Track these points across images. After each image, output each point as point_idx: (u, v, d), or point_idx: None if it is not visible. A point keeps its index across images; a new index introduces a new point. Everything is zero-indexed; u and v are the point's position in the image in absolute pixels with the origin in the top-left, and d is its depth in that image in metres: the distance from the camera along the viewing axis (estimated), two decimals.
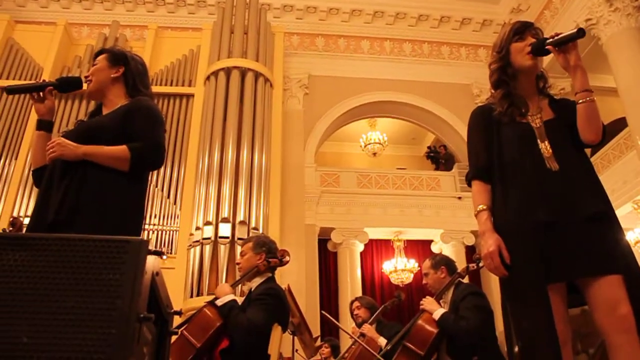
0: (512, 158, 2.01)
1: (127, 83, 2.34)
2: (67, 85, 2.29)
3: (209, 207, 7.24)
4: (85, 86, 2.33)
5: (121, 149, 2.08)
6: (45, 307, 1.18)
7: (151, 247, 1.38)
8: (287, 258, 3.66)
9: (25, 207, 7.45)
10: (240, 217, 7.18)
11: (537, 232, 1.86)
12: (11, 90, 2.18)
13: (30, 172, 2.35)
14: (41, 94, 2.22)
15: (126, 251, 1.27)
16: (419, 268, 9.30)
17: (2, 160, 7.93)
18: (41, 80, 2.24)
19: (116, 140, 2.11)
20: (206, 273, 6.87)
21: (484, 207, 2.00)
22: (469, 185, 2.14)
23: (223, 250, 6.95)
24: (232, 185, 7.40)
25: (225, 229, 7.08)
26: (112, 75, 2.33)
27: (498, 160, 2.04)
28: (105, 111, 2.29)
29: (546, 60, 2.19)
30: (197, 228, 7.16)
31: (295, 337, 4.34)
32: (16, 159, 7.91)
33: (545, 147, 1.98)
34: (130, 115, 2.19)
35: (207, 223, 7.11)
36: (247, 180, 7.50)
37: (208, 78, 8.49)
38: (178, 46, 9.02)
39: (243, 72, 8.40)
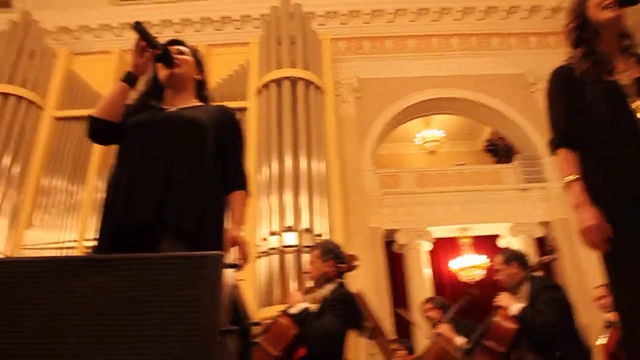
0: (602, 120, 1.82)
1: (199, 89, 2.37)
2: (164, 59, 2.23)
3: (272, 218, 7.30)
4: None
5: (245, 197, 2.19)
6: (132, 326, 1.19)
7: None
8: (356, 263, 3.64)
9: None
10: (304, 225, 7.22)
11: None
12: (139, 28, 2.10)
13: (90, 119, 2.15)
14: (147, 49, 2.15)
15: (204, 266, 1.27)
16: (490, 264, 9.10)
17: (73, 186, 8.24)
18: (157, 40, 2.19)
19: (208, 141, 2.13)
20: (275, 283, 6.92)
21: (576, 177, 1.82)
22: (554, 153, 1.94)
23: (290, 260, 6.99)
24: (294, 194, 7.44)
25: (290, 238, 7.13)
26: (195, 76, 2.35)
27: (585, 123, 1.85)
28: (177, 102, 2.27)
29: (630, 17, 2.01)
30: (263, 239, 7.23)
31: (372, 341, 4.32)
32: (83, 184, 8.20)
33: (638, 106, 1.79)
34: (229, 126, 2.24)
35: (272, 233, 7.17)
36: (307, 188, 7.53)
37: (260, 91, 8.59)
38: (228, 62, 9.15)
39: (293, 81, 8.45)
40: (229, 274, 1.39)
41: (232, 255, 2.02)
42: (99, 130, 2.17)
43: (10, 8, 11.16)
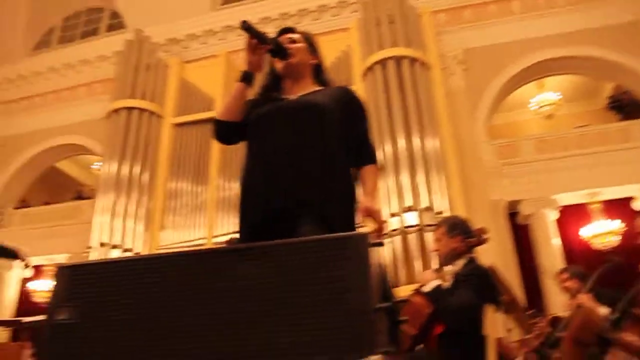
0: None
1: (316, 73, 2.37)
2: (277, 53, 2.24)
3: (391, 199, 7.29)
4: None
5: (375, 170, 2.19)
6: (286, 310, 1.21)
7: None
8: (486, 236, 3.53)
9: (226, 227, 8.08)
10: (423, 203, 7.14)
11: None
12: (247, 26, 2.09)
13: (215, 122, 2.24)
14: (259, 46, 2.14)
15: (350, 246, 1.27)
16: (625, 228, 8.53)
17: (197, 187, 8.69)
18: (266, 35, 2.19)
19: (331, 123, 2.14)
20: (399, 264, 6.91)
21: None
22: None
23: (412, 240, 6.95)
24: (410, 173, 7.38)
25: (411, 218, 7.09)
26: (310, 61, 2.35)
27: None
28: (296, 90, 2.29)
29: None
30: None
31: (508, 315, 4.20)
32: (206, 184, 8.62)
33: None
34: (351, 104, 2.24)
35: (393, 215, 7.16)
36: (423, 166, 7.44)
37: (365, 74, 8.56)
38: (329, 50, 9.16)
39: (398, 60, 8.34)
40: (374, 253, 1.39)
41: (368, 228, 2.03)
42: (224, 131, 2.25)
43: (124, 29, 11.95)
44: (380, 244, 1.66)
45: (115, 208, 8.57)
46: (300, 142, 2.08)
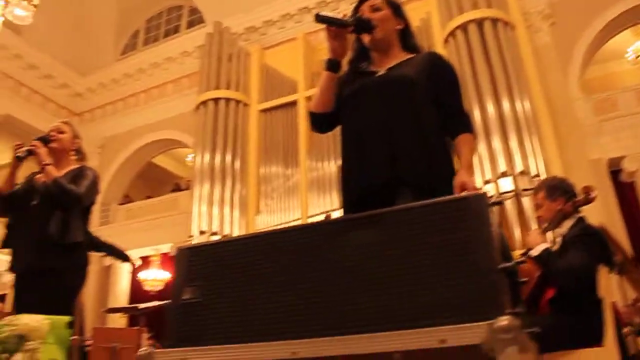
0: None
1: (403, 39, 2.29)
2: (362, 28, 2.19)
3: (484, 166, 7.10)
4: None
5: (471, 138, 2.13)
6: (410, 276, 1.20)
7: None
8: (593, 194, 3.36)
9: (319, 206, 8.19)
10: (518, 168, 6.91)
11: None
12: (321, 18, 2.06)
13: (310, 115, 2.27)
14: (340, 31, 2.10)
15: (470, 207, 1.25)
16: None
17: (288, 170, 8.85)
18: (342, 17, 2.12)
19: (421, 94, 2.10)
20: None
21: None
22: None
23: (509, 206, 6.76)
24: (502, 138, 7.15)
25: (506, 184, 6.88)
26: (396, 27, 2.27)
27: None
28: (385, 61, 2.24)
29: None
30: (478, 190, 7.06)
31: (622, 276, 4.00)
32: (297, 166, 8.75)
33: None
34: (441, 71, 2.17)
35: (487, 182, 6.98)
36: (515, 129, 7.18)
37: (446, 40, 8.35)
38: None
39: (479, 23, 8.06)
40: (493, 213, 1.36)
41: None
42: (319, 123, 2.28)
43: (203, 23, 12.27)
44: (500, 203, 1.61)
45: (212, 197, 8.88)
46: (392, 116, 2.06)
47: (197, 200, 9.02)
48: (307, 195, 8.43)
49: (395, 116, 2.06)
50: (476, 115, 7.39)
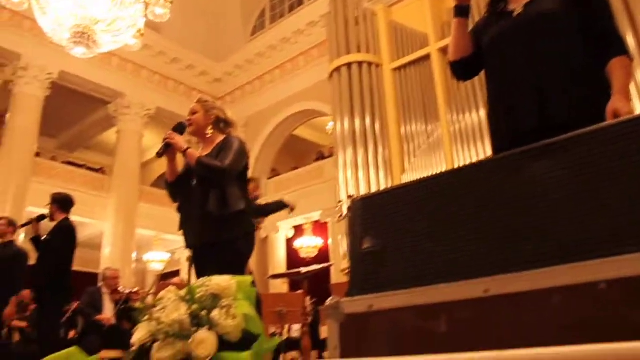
0: None
1: None
2: None
3: None
4: None
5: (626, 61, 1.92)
6: (598, 202, 1.10)
7: None
8: None
9: (464, 159, 7.99)
10: None
11: None
12: None
13: (450, 65, 2.24)
14: None
15: None
16: None
17: (429, 126, 8.71)
18: None
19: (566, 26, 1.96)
20: None
21: None
22: None
23: None
24: None
25: None
26: None
27: None
28: None
29: None
30: None
31: None
32: (437, 121, 8.57)
33: None
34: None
35: None
36: None
37: None
38: None
39: None
40: None
41: None
42: (461, 71, 2.23)
43: None
44: None
45: (356, 161, 8.99)
46: (537, 58, 1.95)
47: (341, 166, 9.17)
48: (451, 149, 8.25)
49: (539, 57, 1.94)
50: (630, 41, 6.74)
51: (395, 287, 1.13)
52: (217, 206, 2.97)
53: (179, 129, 3.20)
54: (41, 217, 5.01)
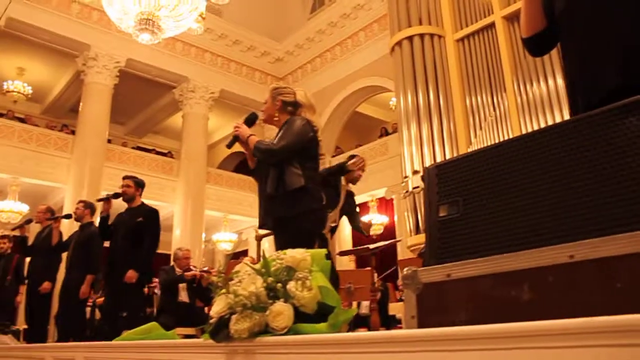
0: None
1: None
2: None
3: None
4: None
5: None
6: None
7: None
8: None
9: (537, 127, 7.74)
10: None
11: None
12: None
13: (524, 42, 2.13)
14: None
15: None
16: None
17: (494, 98, 8.46)
18: None
19: None
20: None
21: None
22: None
23: None
24: None
25: None
26: None
27: None
28: None
29: None
30: None
31: None
32: (504, 91, 8.32)
33: None
34: None
35: None
36: None
37: None
38: None
39: None
40: None
41: None
42: (534, 47, 2.09)
43: None
44: None
45: (420, 136, 8.87)
46: (620, 12, 1.82)
47: (406, 142, 9.07)
48: (519, 120, 8.00)
49: (622, 13, 1.82)
50: None
51: (474, 255, 1.10)
52: (273, 186, 3.08)
53: (251, 118, 3.37)
54: (117, 195, 5.26)
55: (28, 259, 6.76)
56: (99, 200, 5.42)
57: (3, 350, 3.91)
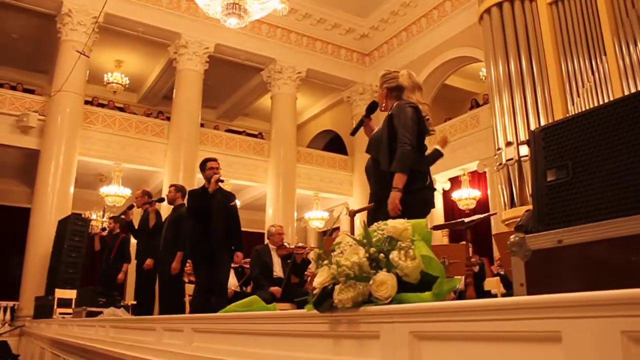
0: None
1: None
2: None
3: None
4: None
5: None
6: None
7: None
8: None
9: None
10: None
11: None
12: None
13: None
14: None
15: None
16: None
17: (593, 62, 8.00)
18: None
19: None
20: None
21: None
22: None
23: None
24: None
25: None
26: None
27: None
28: None
29: None
30: None
31: None
32: (603, 54, 7.85)
33: None
34: None
35: None
36: None
37: None
38: None
39: None
40: None
41: None
42: None
43: None
44: None
45: (513, 106, 8.56)
46: None
47: (498, 113, 8.79)
48: (621, 84, 7.53)
49: None
50: None
51: (586, 220, 1.06)
52: (385, 164, 3.22)
53: (372, 107, 3.62)
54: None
55: (134, 241, 7.22)
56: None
57: (117, 321, 4.19)
